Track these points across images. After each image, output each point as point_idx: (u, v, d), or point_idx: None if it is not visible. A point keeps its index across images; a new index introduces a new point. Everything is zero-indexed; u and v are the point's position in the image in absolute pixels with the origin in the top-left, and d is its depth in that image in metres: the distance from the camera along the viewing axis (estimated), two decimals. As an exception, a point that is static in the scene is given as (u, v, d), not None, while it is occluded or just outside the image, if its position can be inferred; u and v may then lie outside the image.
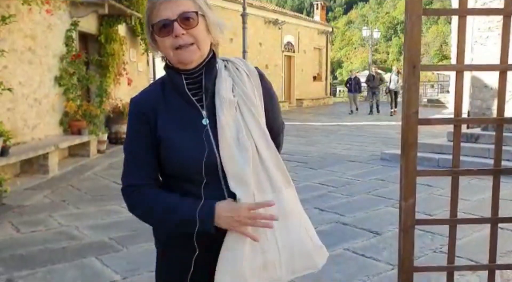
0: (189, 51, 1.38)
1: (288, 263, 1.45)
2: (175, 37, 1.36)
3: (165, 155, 1.42)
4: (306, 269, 1.50)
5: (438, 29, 59.98)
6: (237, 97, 1.43)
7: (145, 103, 1.46)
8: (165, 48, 1.40)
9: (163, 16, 1.36)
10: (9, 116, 6.69)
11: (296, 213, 1.50)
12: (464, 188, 5.96)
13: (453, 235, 1.96)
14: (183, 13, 1.36)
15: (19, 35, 6.96)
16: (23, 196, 5.86)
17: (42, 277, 3.53)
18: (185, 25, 1.36)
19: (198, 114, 1.42)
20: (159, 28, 1.37)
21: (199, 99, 1.43)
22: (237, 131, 1.40)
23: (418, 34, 1.70)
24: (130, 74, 10.97)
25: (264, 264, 1.41)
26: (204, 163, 1.37)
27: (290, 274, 1.47)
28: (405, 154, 1.83)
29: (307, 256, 1.49)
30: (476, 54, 9.32)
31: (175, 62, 1.41)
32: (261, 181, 1.42)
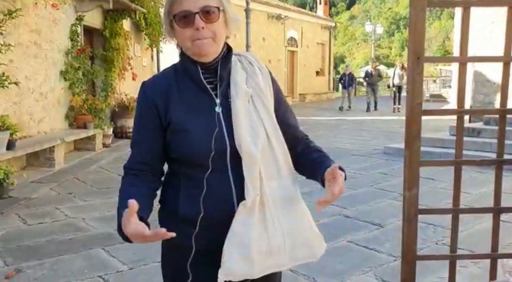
0: (206, 44, 1.41)
1: (290, 250, 1.48)
2: (195, 30, 1.38)
3: (174, 138, 1.44)
4: (306, 258, 1.54)
5: (440, 24, 59.73)
6: (251, 89, 1.47)
7: (156, 87, 1.48)
8: (183, 39, 1.43)
9: (185, 7, 1.38)
10: (15, 110, 6.75)
11: (298, 202, 1.53)
12: (465, 181, 5.97)
13: (456, 225, 2.00)
14: (205, 7, 1.38)
15: (24, 29, 7.00)
16: (29, 188, 5.93)
17: (50, 267, 3.59)
18: (206, 19, 1.39)
19: (211, 101, 1.45)
20: (180, 19, 1.40)
21: (213, 88, 1.46)
22: (250, 120, 1.44)
23: (423, 26, 1.73)
24: (134, 69, 11.00)
25: (269, 250, 1.44)
26: (214, 147, 1.40)
27: (292, 261, 1.51)
28: (409, 144, 1.86)
29: (308, 244, 1.53)
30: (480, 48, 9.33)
31: (191, 53, 1.44)
32: (270, 167, 1.46)
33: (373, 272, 3.48)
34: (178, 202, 1.46)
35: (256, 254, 1.42)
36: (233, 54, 1.51)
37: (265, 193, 1.43)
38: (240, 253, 1.40)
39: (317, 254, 1.56)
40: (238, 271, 1.41)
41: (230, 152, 1.41)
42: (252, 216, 1.41)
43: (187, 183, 1.45)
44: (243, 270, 1.41)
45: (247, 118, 1.43)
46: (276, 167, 1.47)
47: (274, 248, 1.45)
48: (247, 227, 1.41)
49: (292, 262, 1.51)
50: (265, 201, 1.44)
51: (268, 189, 1.44)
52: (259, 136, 1.43)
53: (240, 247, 1.40)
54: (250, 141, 1.41)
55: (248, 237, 1.41)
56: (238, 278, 1.43)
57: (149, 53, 12.54)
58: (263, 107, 1.47)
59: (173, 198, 1.48)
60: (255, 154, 1.41)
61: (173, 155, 1.47)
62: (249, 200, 1.40)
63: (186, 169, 1.45)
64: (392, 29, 67.42)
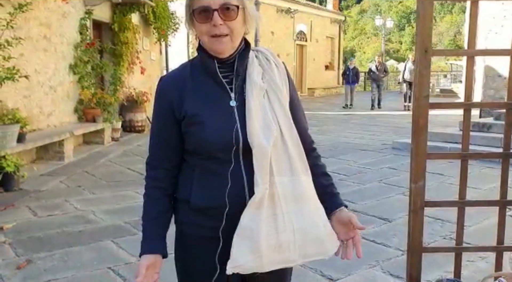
0: (223, 42, 1.42)
1: (301, 246, 1.47)
2: (213, 26, 1.40)
3: (189, 130, 1.46)
4: (317, 255, 1.53)
5: (452, 18, 59.20)
6: (266, 84, 1.48)
7: (171, 81, 1.51)
8: (201, 33, 1.44)
9: (205, 3, 1.39)
10: (25, 103, 6.80)
11: (311, 199, 1.52)
12: (475, 176, 6.01)
13: (461, 218, 2.00)
14: (225, 4, 1.39)
15: (34, 23, 7.05)
16: (39, 181, 5.99)
17: (60, 258, 3.63)
18: (224, 16, 1.40)
19: (226, 96, 1.47)
20: (199, 14, 1.40)
21: (228, 82, 1.47)
22: (264, 115, 1.45)
23: (430, 19, 1.73)
24: (143, 63, 11.03)
25: (279, 245, 1.44)
26: (227, 141, 1.42)
27: (301, 258, 1.50)
28: (415, 137, 1.87)
29: (319, 241, 1.51)
30: (490, 42, 9.25)
31: (208, 48, 1.46)
32: (282, 163, 1.45)
33: (380, 266, 3.48)
34: (191, 193, 1.49)
35: (265, 247, 1.42)
36: (251, 50, 1.52)
37: (276, 188, 1.43)
38: (248, 246, 1.41)
39: (329, 251, 1.54)
40: (246, 264, 1.42)
41: (243, 146, 1.43)
42: (261, 210, 1.42)
43: (201, 175, 1.48)
44: (251, 263, 1.42)
45: (260, 113, 1.44)
46: (288, 163, 1.47)
47: (284, 243, 1.44)
48: (256, 221, 1.41)
49: (302, 259, 1.50)
50: (275, 196, 1.44)
51: (279, 184, 1.44)
52: (272, 131, 1.43)
53: (249, 240, 1.41)
54: (262, 135, 1.42)
55: (257, 231, 1.41)
56: (246, 271, 1.44)
57: (157, 47, 12.56)
58: (278, 102, 1.48)
59: (186, 189, 1.51)
60: (266, 147, 1.41)
61: (188, 147, 1.50)
62: (258, 193, 1.40)
63: (201, 161, 1.47)
64: (402, 23, 66.91)
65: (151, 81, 11.49)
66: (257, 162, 1.41)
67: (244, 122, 1.43)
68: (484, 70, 9.40)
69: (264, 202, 1.42)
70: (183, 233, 1.58)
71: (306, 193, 1.50)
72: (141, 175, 6.40)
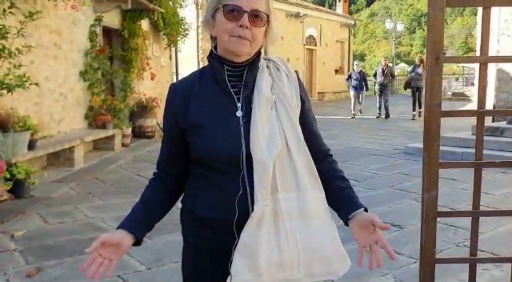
0: (244, 44, 1.41)
1: (306, 265, 1.43)
2: (239, 26, 1.39)
3: (193, 141, 1.45)
4: (326, 274, 1.49)
5: (463, 21, 58.85)
6: (275, 96, 1.46)
7: (178, 89, 1.51)
8: (222, 31, 1.42)
9: (238, 3, 1.38)
10: (36, 110, 6.85)
11: (321, 216, 1.47)
12: (489, 182, 5.91)
13: (476, 228, 1.95)
14: (256, 10, 1.40)
15: (45, 30, 7.10)
16: (50, 188, 6.01)
17: (69, 266, 3.63)
18: (252, 21, 1.39)
19: (232, 105, 1.44)
20: (229, 11, 1.39)
21: (236, 92, 1.45)
22: (270, 128, 1.41)
23: (441, 26, 1.69)
24: (153, 69, 11.07)
25: (281, 263, 1.40)
26: (231, 152, 1.39)
27: (308, 277, 1.46)
28: (427, 145, 1.83)
29: (327, 261, 1.47)
30: (503, 45, 9.15)
31: (224, 48, 1.43)
32: (287, 178, 1.42)
33: (392, 274, 3.43)
34: (194, 203, 1.48)
35: (264, 265, 1.39)
36: (262, 59, 1.51)
37: (280, 204, 1.40)
38: (247, 264, 1.38)
39: (338, 271, 1.50)
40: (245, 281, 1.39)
41: (247, 158, 1.40)
42: (261, 227, 1.38)
43: (205, 185, 1.46)
44: (250, 280, 1.39)
45: (266, 126, 1.41)
46: (295, 179, 1.43)
47: (286, 262, 1.41)
48: (256, 238, 1.38)
49: (309, 278, 1.46)
50: (279, 213, 1.40)
51: (284, 201, 1.40)
52: (276, 145, 1.39)
53: (248, 258, 1.38)
54: (265, 149, 1.38)
55: (255, 248, 1.38)
56: None
57: (167, 53, 12.61)
58: (286, 115, 1.44)
59: (190, 198, 1.51)
60: (268, 163, 1.37)
61: (192, 157, 1.49)
62: (257, 210, 1.37)
63: (205, 171, 1.46)
64: (413, 26, 66.67)
65: (161, 86, 11.53)
66: (258, 176, 1.38)
67: (248, 133, 1.40)
68: (496, 73, 9.30)
69: (265, 219, 1.38)
70: (189, 244, 1.56)
71: (314, 210, 1.45)
72: (151, 181, 6.43)
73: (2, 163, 5.07)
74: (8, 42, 5.44)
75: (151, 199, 1.56)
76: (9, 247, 4.04)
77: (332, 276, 1.50)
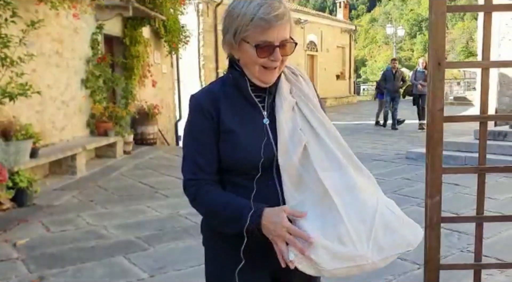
0: (274, 73, 1.45)
1: (369, 236, 1.35)
2: (271, 60, 1.41)
3: (226, 148, 1.45)
4: (396, 246, 1.39)
5: (464, 25, 58.95)
6: (296, 98, 1.50)
7: (207, 99, 1.49)
8: (252, 62, 1.43)
9: (269, 38, 1.38)
10: (38, 118, 6.86)
11: (372, 191, 1.45)
12: (492, 186, 5.89)
13: (480, 233, 1.94)
14: (286, 40, 1.41)
15: (47, 39, 7.13)
16: (52, 196, 6.00)
17: (72, 275, 3.62)
18: (282, 52, 1.42)
19: (259, 114, 1.49)
20: (262, 48, 1.39)
21: (260, 101, 1.49)
22: (294, 129, 1.45)
23: (443, 31, 1.69)
24: (154, 76, 11.10)
25: (338, 237, 1.33)
26: (262, 156, 1.42)
27: (377, 252, 1.36)
28: (430, 151, 1.82)
29: (391, 229, 1.39)
30: (504, 49, 9.15)
31: (254, 76, 1.46)
32: (324, 160, 1.43)
33: (396, 280, 3.41)
34: None
35: (317, 239, 1.31)
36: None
37: (322, 184, 1.39)
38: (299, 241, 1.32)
39: (410, 241, 1.41)
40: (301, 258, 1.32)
41: (276, 162, 1.43)
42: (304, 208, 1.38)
43: (235, 191, 1.46)
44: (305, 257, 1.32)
45: (290, 127, 1.45)
46: (330, 159, 1.43)
47: (343, 235, 1.33)
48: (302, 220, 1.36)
49: (379, 254, 1.36)
50: (322, 192, 1.39)
51: (329, 180, 1.39)
52: (301, 143, 1.42)
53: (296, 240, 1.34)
54: (291, 147, 1.42)
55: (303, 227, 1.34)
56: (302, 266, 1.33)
57: (168, 60, 12.64)
58: (308, 109, 1.49)
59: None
60: (292, 161, 1.41)
61: (222, 164, 1.48)
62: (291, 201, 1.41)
63: (233, 177, 1.47)
64: (414, 31, 66.80)
65: (162, 93, 11.55)
66: (286, 176, 1.42)
67: (276, 138, 1.44)
68: (498, 77, 9.29)
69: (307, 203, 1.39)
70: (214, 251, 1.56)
71: (361, 183, 1.43)
72: (153, 188, 6.43)
73: (5, 171, 5.07)
74: (10, 50, 5.45)
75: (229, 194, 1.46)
76: (12, 255, 4.03)
77: (406, 248, 1.42)
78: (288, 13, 1.41)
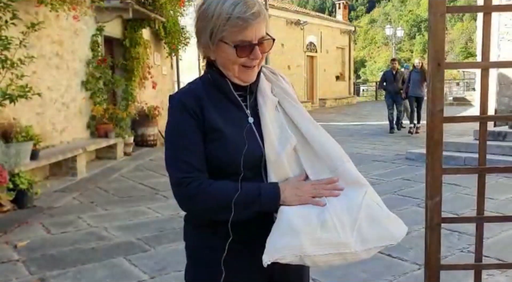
0: (254, 71, 1.44)
1: (352, 227, 1.34)
2: (251, 59, 1.40)
3: (213, 148, 1.41)
4: (380, 239, 1.38)
5: (463, 26, 59.00)
6: (278, 96, 1.49)
7: (190, 98, 1.44)
8: (231, 62, 1.41)
9: (247, 37, 1.37)
10: (38, 120, 6.86)
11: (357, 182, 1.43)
12: (492, 186, 5.90)
13: (480, 234, 1.94)
14: (263, 37, 1.40)
15: (47, 41, 7.14)
16: (53, 198, 6.01)
17: (73, 276, 3.62)
18: (261, 49, 1.40)
19: (242, 113, 1.47)
20: (241, 48, 1.38)
21: (242, 100, 1.48)
22: (280, 128, 1.45)
23: (442, 32, 1.69)
24: (154, 78, 11.11)
25: (321, 223, 1.32)
26: (249, 156, 1.40)
27: (360, 242, 1.34)
28: (430, 152, 1.82)
29: (376, 222, 1.37)
30: (503, 50, 9.16)
31: (233, 76, 1.44)
32: (315, 163, 1.44)
33: (396, 280, 3.41)
34: None
35: (302, 224, 1.31)
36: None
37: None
38: (281, 230, 1.32)
39: (394, 234, 1.40)
40: (282, 247, 1.30)
41: (264, 161, 1.42)
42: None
43: None
44: (288, 243, 1.29)
45: (276, 127, 1.44)
46: (320, 160, 1.45)
47: (328, 221, 1.32)
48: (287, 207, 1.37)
49: (362, 244, 1.34)
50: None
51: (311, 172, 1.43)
52: (288, 140, 1.42)
53: (281, 223, 1.34)
54: (278, 146, 1.41)
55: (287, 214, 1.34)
56: (284, 254, 1.30)
57: (168, 61, 12.65)
58: (292, 108, 1.48)
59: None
60: (281, 160, 1.41)
61: (212, 164, 1.43)
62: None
63: (221, 178, 1.41)
64: (413, 31, 66.84)
65: (162, 95, 11.55)
66: (274, 174, 1.41)
67: (262, 137, 1.43)
68: (497, 78, 9.29)
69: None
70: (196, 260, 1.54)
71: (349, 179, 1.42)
72: (153, 189, 6.43)
73: (5, 173, 5.08)
74: (11, 53, 5.46)
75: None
76: (12, 257, 4.03)
77: (390, 242, 1.39)
78: (263, 10, 1.39)
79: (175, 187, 1.41)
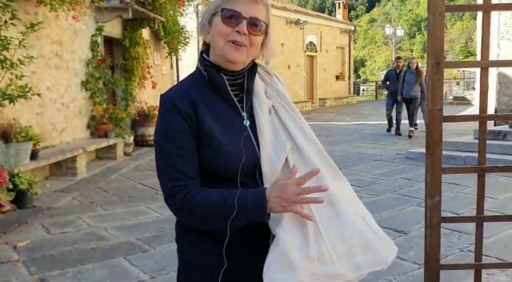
0: (239, 51, 1.37)
1: (347, 256, 1.33)
2: (236, 32, 1.35)
3: (208, 154, 1.36)
4: (373, 264, 1.38)
5: (463, 25, 58.98)
6: (272, 99, 1.45)
7: (183, 100, 1.38)
8: (218, 35, 1.38)
9: (238, 8, 1.35)
10: (38, 120, 6.86)
11: (350, 201, 1.42)
12: (492, 185, 5.90)
13: (480, 233, 1.94)
14: (256, 18, 1.37)
15: (46, 41, 7.13)
16: (52, 198, 6.01)
17: (73, 277, 3.62)
18: (250, 29, 1.36)
19: (238, 115, 1.42)
20: (227, 16, 1.35)
21: (239, 101, 1.43)
22: (275, 133, 1.40)
23: (441, 31, 1.69)
24: (154, 78, 11.11)
25: (319, 255, 1.30)
26: (245, 163, 1.36)
27: (354, 270, 1.35)
28: (430, 151, 1.82)
29: (369, 247, 1.37)
30: (503, 49, 9.16)
31: (219, 54, 1.39)
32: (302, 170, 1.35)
33: (397, 280, 3.41)
34: None
35: (298, 259, 1.29)
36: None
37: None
38: (278, 262, 1.29)
39: (385, 258, 1.40)
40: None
41: (260, 166, 1.38)
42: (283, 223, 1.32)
43: None
44: (286, 279, 1.28)
45: (271, 133, 1.40)
46: (309, 168, 1.37)
47: (324, 253, 1.30)
48: (290, 232, 1.31)
49: (356, 271, 1.34)
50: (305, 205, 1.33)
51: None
52: (284, 150, 1.37)
53: (278, 255, 1.30)
54: (273, 154, 1.37)
55: (284, 244, 1.30)
56: None
57: (168, 61, 12.65)
58: (287, 114, 1.44)
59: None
60: (276, 170, 1.35)
61: (207, 170, 1.38)
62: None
63: (216, 184, 1.36)
64: (413, 31, 66.82)
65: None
66: (268, 182, 1.35)
67: (258, 141, 1.39)
68: (497, 77, 9.30)
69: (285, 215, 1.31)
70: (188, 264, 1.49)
71: (339, 196, 1.38)
72: (153, 189, 6.42)
73: (5, 173, 5.07)
74: (10, 53, 5.46)
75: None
76: (12, 257, 4.03)
77: (381, 266, 1.40)
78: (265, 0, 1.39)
79: (165, 198, 1.37)
